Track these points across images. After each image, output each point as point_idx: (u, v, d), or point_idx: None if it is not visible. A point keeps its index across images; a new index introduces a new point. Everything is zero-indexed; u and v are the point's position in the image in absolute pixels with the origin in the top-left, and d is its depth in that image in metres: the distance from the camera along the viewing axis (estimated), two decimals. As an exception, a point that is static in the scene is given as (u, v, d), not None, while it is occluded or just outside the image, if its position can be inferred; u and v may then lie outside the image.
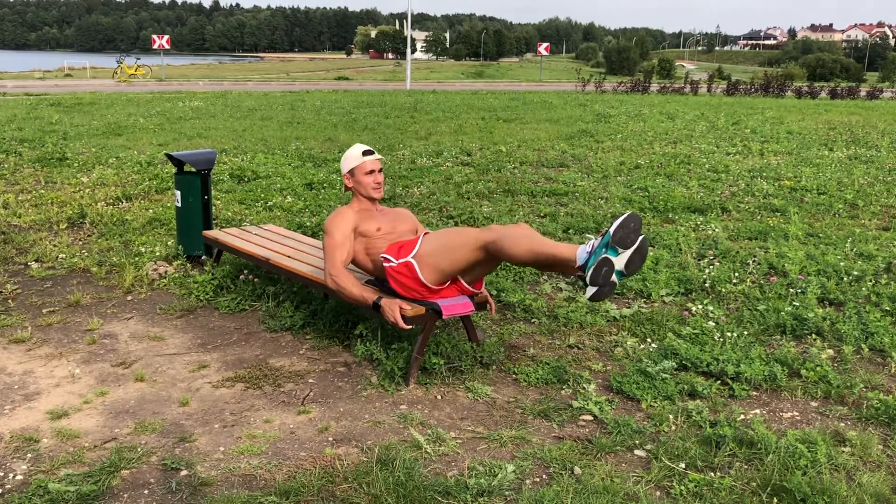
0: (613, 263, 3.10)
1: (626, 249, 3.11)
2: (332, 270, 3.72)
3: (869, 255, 5.62)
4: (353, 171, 3.91)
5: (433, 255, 3.51)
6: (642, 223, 3.16)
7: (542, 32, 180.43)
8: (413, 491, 2.64)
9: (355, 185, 3.92)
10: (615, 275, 3.12)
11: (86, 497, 2.63)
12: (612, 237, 3.09)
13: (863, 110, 21.03)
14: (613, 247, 3.10)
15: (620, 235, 3.08)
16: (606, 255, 3.09)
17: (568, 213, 7.14)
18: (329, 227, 3.80)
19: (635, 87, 30.08)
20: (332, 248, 3.75)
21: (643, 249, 3.14)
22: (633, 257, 3.12)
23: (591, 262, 3.10)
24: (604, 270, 3.09)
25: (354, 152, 3.94)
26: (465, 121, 15.74)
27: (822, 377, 3.61)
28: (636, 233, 3.11)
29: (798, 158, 10.89)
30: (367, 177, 3.88)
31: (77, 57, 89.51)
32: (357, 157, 3.91)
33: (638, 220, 3.12)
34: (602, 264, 3.08)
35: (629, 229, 3.09)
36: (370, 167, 3.89)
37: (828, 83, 37.77)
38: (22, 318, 4.39)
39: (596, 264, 3.08)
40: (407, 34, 39.13)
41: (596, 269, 3.08)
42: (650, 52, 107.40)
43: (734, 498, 2.67)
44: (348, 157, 3.94)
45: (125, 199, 7.43)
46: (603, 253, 3.10)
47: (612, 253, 3.10)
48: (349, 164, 3.93)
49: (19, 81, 30.96)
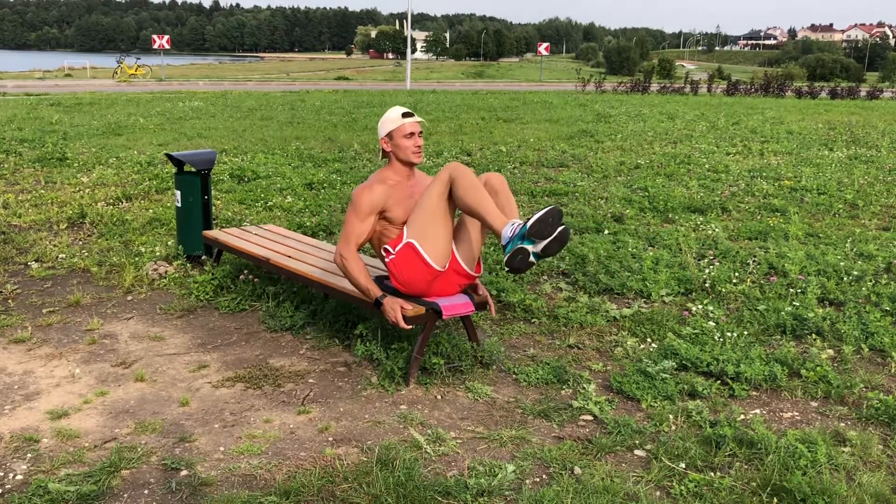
0: (528, 251, 3.31)
1: (542, 240, 3.29)
2: (345, 251, 3.57)
3: (869, 255, 5.62)
4: (391, 133, 3.65)
5: (419, 226, 3.51)
6: (562, 216, 3.33)
7: (542, 32, 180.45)
8: (413, 491, 2.64)
9: (394, 148, 3.67)
10: (532, 256, 3.34)
11: (86, 497, 2.63)
12: (527, 230, 3.28)
13: (863, 110, 21.03)
14: (530, 238, 3.29)
15: (537, 229, 3.27)
16: (522, 245, 3.30)
17: (568, 212, 7.14)
18: (357, 198, 3.57)
19: (635, 87, 30.09)
20: (352, 224, 3.57)
21: (563, 237, 3.33)
22: (549, 245, 3.31)
23: (509, 249, 3.33)
24: (518, 258, 3.32)
25: (393, 114, 3.68)
26: (465, 121, 15.74)
27: (822, 377, 3.61)
28: (554, 226, 3.29)
29: (798, 158, 10.89)
30: (406, 140, 3.64)
31: (77, 57, 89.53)
32: (396, 119, 3.65)
33: (557, 214, 3.30)
34: (517, 252, 3.31)
35: (546, 223, 3.27)
36: (410, 129, 3.64)
37: (828, 83, 37.79)
38: (22, 318, 4.39)
39: (512, 252, 3.31)
40: (407, 34, 39.14)
41: (511, 255, 3.31)
42: (650, 52, 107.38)
43: (734, 498, 2.67)
44: (386, 120, 3.68)
45: (125, 199, 7.43)
46: (519, 243, 3.31)
47: (529, 243, 3.31)
48: (388, 127, 3.67)
49: (19, 81, 30.97)
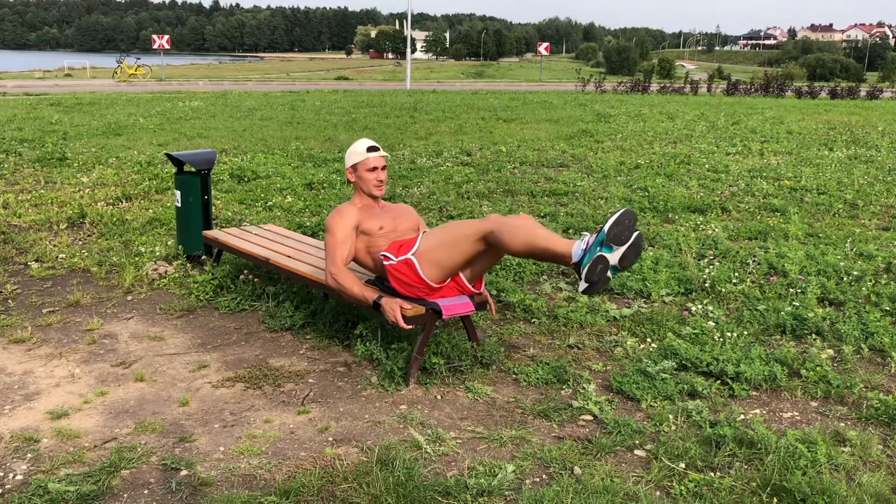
0: (608, 260, 3.15)
1: (620, 246, 3.16)
2: (333, 269, 3.70)
3: (869, 255, 5.62)
4: (356, 166, 3.85)
5: (433, 250, 3.50)
6: (637, 219, 3.19)
7: (542, 32, 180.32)
8: (413, 491, 2.64)
9: (357, 180, 3.87)
10: (609, 270, 3.18)
11: (86, 497, 2.64)
12: (606, 235, 3.13)
13: (863, 110, 21.03)
14: (608, 244, 3.14)
15: (615, 232, 3.12)
16: (601, 253, 3.14)
17: (568, 213, 7.14)
18: (330, 224, 3.76)
19: (635, 86, 30.08)
20: (333, 246, 3.72)
21: (637, 245, 3.18)
22: (626, 253, 3.17)
23: (587, 260, 3.14)
24: (599, 268, 3.14)
25: (359, 147, 3.86)
26: (465, 121, 15.74)
27: (822, 377, 3.61)
28: (630, 229, 3.15)
29: (798, 158, 10.89)
30: (369, 173, 3.82)
31: (77, 57, 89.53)
32: (361, 153, 3.83)
33: (632, 216, 3.16)
34: (597, 262, 3.13)
35: (624, 226, 3.13)
36: (374, 164, 3.82)
37: (828, 83, 37.79)
38: (22, 318, 4.39)
39: (591, 262, 3.13)
40: (407, 34, 39.13)
41: (591, 267, 3.13)
42: (650, 52, 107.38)
43: (734, 498, 2.67)
44: (353, 152, 3.87)
45: (125, 199, 7.43)
46: (598, 251, 3.14)
47: (607, 250, 3.15)
48: (353, 159, 3.86)
49: (19, 81, 30.97)
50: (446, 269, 3.51)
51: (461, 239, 3.45)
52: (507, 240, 3.31)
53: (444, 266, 3.50)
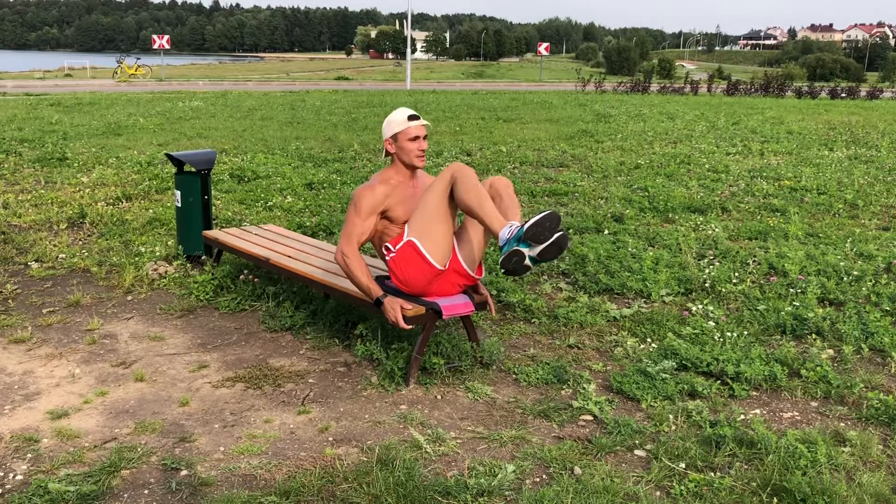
0: (524, 254, 3.25)
1: (539, 244, 3.24)
2: (347, 248, 3.56)
3: (869, 255, 5.62)
4: (396, 136, 3.63)
5: (421, 225, 3.50)
6: (560, 221, 3.27)
7: (542, 32, 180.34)
8: (413, 491, 2.64)
9: (397, 151, 3.65)
10: (528, 260, 3.26)
11: (86, 497, 2.64)
12: (524, 233, 3.22)
13: (863, 110, 21.03)
14: (526, 241, 3.23)
15: (533, 233, 3.21)
16: (517, 248, 3.25)
17: (568, 212, 7.14)
18: (358, 198, 3.57)
19: (635, 87, 30.09)
20: (353, 223, 3.57)
21: (560, 243, 3.25)
22: (546, 249, 3.25)
23: (504, 250, 3.27)
24: (514, 259, 3.25)
25: (399, 116, 3.65)
26: (465, 121, 15.74)
27: (822, 377, 3.61)
28: (552, 230, 3.23)
29: (798, 158, 10.89)
30: (411, 143, 3.62)
31: (77, 57, 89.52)
32: (402, 122, 3.63)
33: (555, 219, 3.24)
34: (512, 255, 3.25)
35: (544, 227, 3.22)
36: (415, 133, 3.62)
37: (828, 83, 37.79)
38: (22, 318, 4.39)
39: (507, 254, 3.25)
40: (407, 34, 39.14)
41: (506, 257, 3.26)
42: (650, 52, 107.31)
43: (734, 498, 2.67)
44: (392, 122, 3.66)
45: (125, 199, 7.43)
46: (515, 245, 3.26)
47: (525, 246, 3.25)
48: (392, 129, 3.65)
49: (19, 81, 30.97)
50: (441, 241, 3.51)
51: (436, 200, 3.48)
52: (460, 192, 3.41)
53: (438, 238, 3.50)
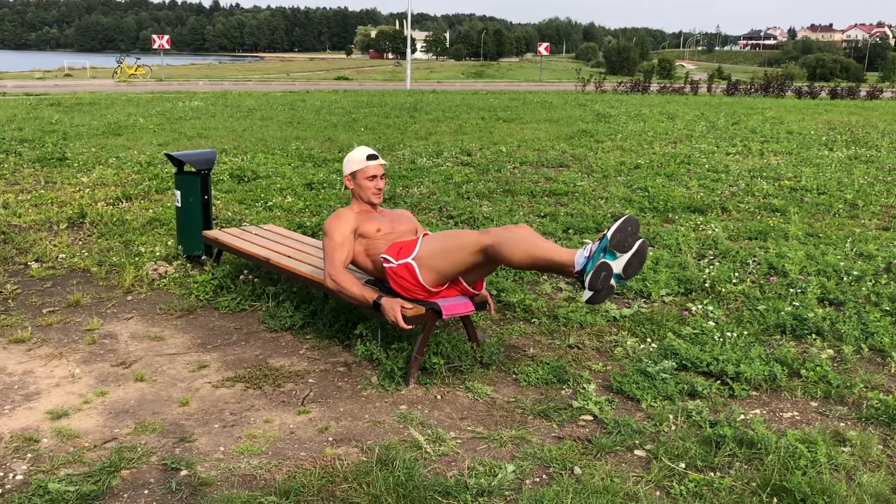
0: (612, 268, 3.07)
1: (623, 253, 3.08)
2: (332, 271, 3.71)
3: (869, 255, 5.62)
4: (354, 174, 3.87)
5: (432, 257, 3.51)
6: (640, 225, 3.10)
7: (542, 32, 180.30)
8: (413, 491, 2.64)
9: (356, 188, 3.89)
10: (613, 278, 3.09)
11: (86, 497, 2.64)
12: (609, 242, 3.05)
13: (863, 110, 21.03)
14: (611, 251, 3.07)
15: (618, 239, 3.05)
16: (605, 260, 3.06)
17: (568, 213, 7.14)
18: (328, 228, 3.78)
19: (635, 87, 30.08)
20: (331, 249, 3.74)
21: (642, 253, 3.10)
22: (631, 261, 3.09)
23: (590, 268, 3.07)
24: (602, 275, 3.06)
25: (358, 155, 3.87)
26: (465, 121, 15.74)
27: (822, 377, 3.61)
28: (634, 236, 3.08)
29: (798, 158, 10.89)
30: (368, 181, 3.84)
31: (77, 57, 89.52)
32: (360, 161, 3.85)
33: (635, 223, 3.09)
34: (600, 269, 3.05)
35: (627, 233, 3.06)
36: (372, 172, 3.84)
37: (828, 83, 37.77)
38: (22, 318, 4.39)
39: (594, 269, 3.05)
40: (407, 34, 39.13)
41: (594, 274, 3.05)
42: (650, 52, 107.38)
43: (734, 498, 2.67)
44: (351, 160, 3.88)
45: (125, 199, 7.43)
46: (601, 258, 3.07)
47: (611, 257, 3.07)
48: (351, 167, 3.87)
49: (19, 81, 30.97)
50: (444, 275, 3.53)
51: (460, 248, 3.44)
52: (508, 253, 3.28)
53: (442, 273, 3.51)
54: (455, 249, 3.46)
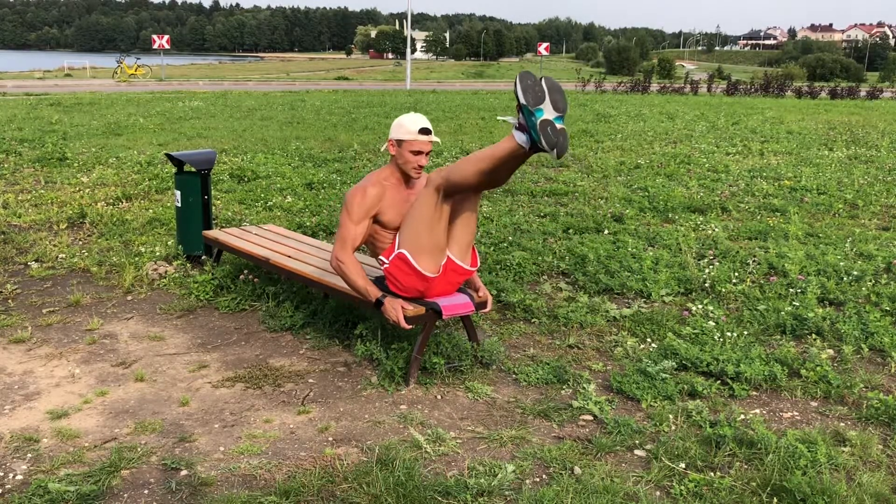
0: (548, 119, 3.11)
1: (542, 102, 3.12)
2: (341, 254, 3.57)
3: (869, 255, 5.62)
4: (401, 142, 3.57)
5: (412, 236, 3.46)
6: (530, 72, 3.18)
7: (542, 32, 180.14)
8: (413, 491, 2.64)
9: (398, 155, 3.60)
10: (556, 121, 3.13)
11: (86, 497, 2.64)
12: (528, 105, 3.09)
13: (863, 110, 21.03)
14: (536, 109, 3.10)
15: (531, 97, 3.09)
16: (538, 119, 3.09)
17: (568, 212, 7.14)
18: (350, 202, 3.56)
19: (635, 87, 30.09)
20: (345, 228, 3.57)
21: (552, 86, 3.15)
22: (552, 99, 3.13)
23: (536, 137, 3.10)
24: (549, 130, 3.09)
25: (412, 125, 3.56)
26: (465, 121, 15.74)
27: (822, 377, 3.61)
28: (536, 83, 3.13)
29: (798, 158, 10.89)
30: (413, 155, 3.57)
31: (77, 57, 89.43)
32: (411, 133, 3.54)
33: (529, 75, 3.14)
34: (542, 128, 3.08)
35: (530, 86, 3.11)
36: (420, 147, 3.56)
37: (828, 83, 37.79)
38: (22, 318, 4.39)
39: (541, 134, 3.08)
40: (407, 34, 39.13)
41: (544, 136, 3.08)
42: (650, 52, 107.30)
43: (734, 498, 2.67)
44: (402, 126, 3.57)
45: (125, 199, 7.44)
46: (535, 120, 3.09)
47: (539, 113, 3.10)
48: (400, 134, 3.57)
49: (19, 81, 30.96)
50: (432, 249, 3.46)
51: (427, 210, 3.41)
52: (460, 178, 3.31)
53: (429, 249, 3.46)
54: (425, 218, 3.42)
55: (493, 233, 6.24)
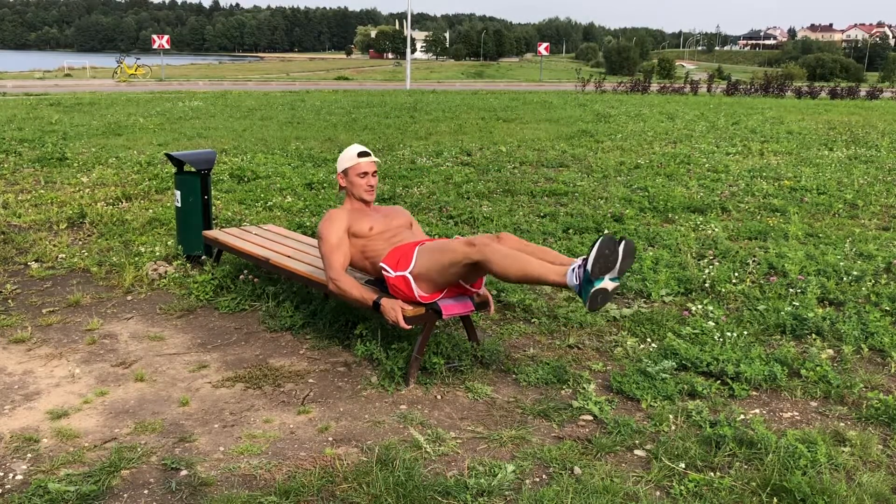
0: (605, 286, 3.15)
1: (609, 272, 3.14)
2: (333, 274, 3.73)
3: (869, 255, 5.62)
4: (346, 171, 3.91)
5: (428, 271, 3.52)
6: (614, 239, 3.12)
7: (542, 32, 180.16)
8: (413, 491, 2.64)
9: (348, 185, 3.92)
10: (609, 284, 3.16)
11: (86, 497, 2.64)
12: (591, 274, 3.11)
13: (863, 110, 21.03)
14: (596, 279, 3.12)
15: (599, 266, 3.10)
16: (595, 287, 3.12)
17: (568, 213, 7.14)
18: (322, 231, 3.79)
19: (635, 87, 30.08)
20: (329, 252, 3.76)
21: (628, 253, 3.16)
22: (621, 267, 3.16)
23: (585, 298, 3.14)
24: (599, 297, 3.15)
25: (350, 153, 3.92)
26: (465, 121, 15.74)
27: (822, 377, 3.61)
28: (614, 252, 3.12)
29: (798, 158, 10.89)
30: (360, 178, 3.88)
31: (77, 57, 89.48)
32: (352, 158, 3.89)
33: (611, 243, 3.12)
34: (595, 295, 3.13)
35: (605, 257, 3.11)
36: (364, 169, 3.88)
37: (828, 83, 37.79)
38: (22, 318, 4.39)
39: (590, 298, 3.13)
40: (407, 34, 39.12)
41: (591, 300, 3.13)
42: (650, 52, 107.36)
43: (734, 498, 2.67)
44: (343, 157, 3.93)
45: (125, 199, 7.43)
46: (591, 289, 3.12)
47: (599, 282, 3.13)
48: (343, 164, 3.92)
49: (19, 81, 30.96)
50: (439, 285, 3.55)
51: (450, 263, 3.45)
52: (500, 270, 3.32)
53: (438, 284, 3.54)
54: (448, 265, 3.46)
55: (492, 233, 6.24)
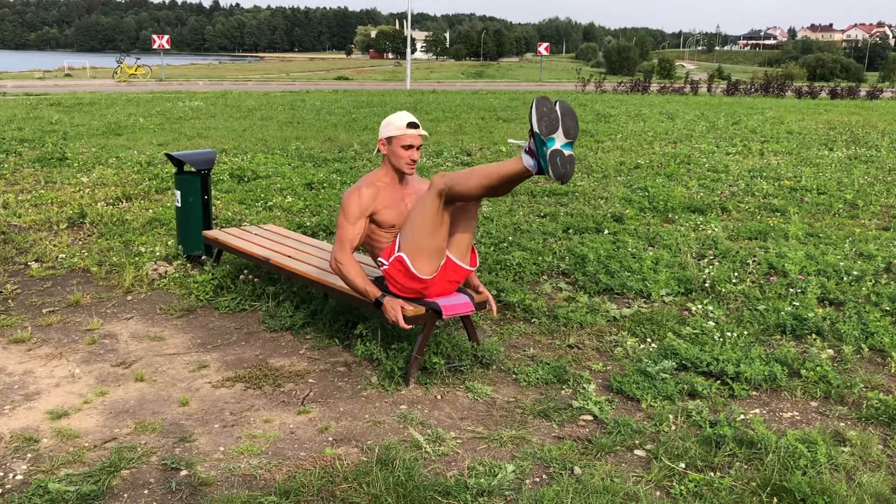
0: (558, 148, 3.14)
1: (556, 131, 3.14)
2: (340, 255, 3.58)
3: (869, 255, 5.62)
4: (391, 139, 3.60)
5: (412, 238, 3.46)
6: (548, 98, 3.18)
7: (542, 32, 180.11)
8: (413, 491, 2.64)
9: (389, 154, 3.63)
10: (564, 147, 3.16)
11: (86, 497, 2.64)
12: (540, 133, 3.12)
13: (863, 110, 21.03)
14: (547, 138, 3.13)
15: (545, 125, 3.11)
16: (549, 149, 3.12)
17: (568, 212, 7.14)
18: (346, 204, 3.58)
19: (635, 87, 30.11)
20: (343, 229, 3.58)
21: (567, 113, 3.17)
22: (564, 127, 3.15)
23: (545, 165, 3.13)
24: (558, 160, 3.13)
25: (399, 121, 3.60)
26: (465, 121, 15.74)
27: (822, 377, 3.61)
28: (552, 110, 3.14)
29: (798, 158, 10.90)
30: (404, 150, 3.59)
31: (77, 57, 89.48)
32: (399, 128, 3.57)
33: (546, 101, 3.15)
34: (553, 157, 3.12)
35: (544, 113, 3.12)
36: (410, 141, 3.58)
37: (828, 83, 37.81)
38: (22, 318, 4.39)
39: (550, 164, 3.12)
40: (407, 34, 39.13)
41: (552, 166, 3.11)
42: (650, 52, 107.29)
43: (734, 498, 2.67)
44: (390, 124, 3.61)
45: (125, 199, 7.44)
46: (545, 150, 3.13)
47: (551, 142, 3.13)
48: (389, 132, 3.60)
49: (19, 81, 30.95)
50: (431, 253, 3.46)
51: (429, 217, 3.41)
52: (464, 189, 3.33)
53: (428, 251, 3.45)
54: (426, 222, 3.42)
55: (493, 233, 6.24)
